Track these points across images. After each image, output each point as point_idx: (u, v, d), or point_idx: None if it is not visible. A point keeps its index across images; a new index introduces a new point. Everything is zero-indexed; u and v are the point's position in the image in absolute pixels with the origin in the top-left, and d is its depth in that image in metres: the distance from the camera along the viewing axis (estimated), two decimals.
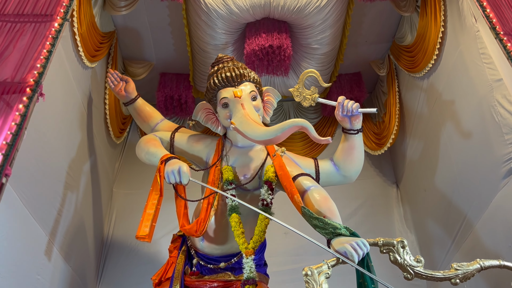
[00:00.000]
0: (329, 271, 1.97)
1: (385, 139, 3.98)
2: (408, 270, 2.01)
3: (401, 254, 2.05)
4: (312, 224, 2.24)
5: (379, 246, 2.10)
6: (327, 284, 1.92)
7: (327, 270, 1.96)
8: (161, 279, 2.68)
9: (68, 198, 2.86)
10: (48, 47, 2.48)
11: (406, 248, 2.06)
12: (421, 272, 2.01)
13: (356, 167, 2.78)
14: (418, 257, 2.04)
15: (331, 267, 1.99)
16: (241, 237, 2.47)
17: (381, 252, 2.10)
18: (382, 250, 2.09)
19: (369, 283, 1.99)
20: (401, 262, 2.03)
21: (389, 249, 2.07)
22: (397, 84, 4.01)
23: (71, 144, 2.94)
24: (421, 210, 3.75)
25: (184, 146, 2.87)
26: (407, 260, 2.03)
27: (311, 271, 1.92)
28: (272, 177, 2.63)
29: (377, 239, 2.10)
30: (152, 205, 2.40)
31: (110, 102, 3.69)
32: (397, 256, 2.04)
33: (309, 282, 1.89)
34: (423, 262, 2.03)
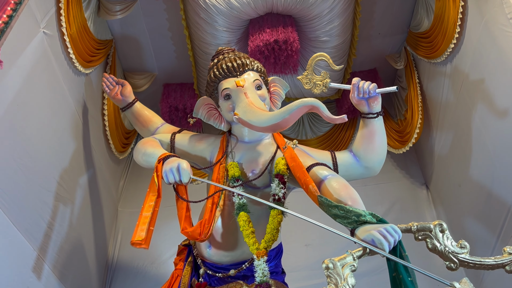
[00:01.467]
0: (355, 263, 1.62)
1: (409, 135, 3.63)
2: (451, 258, 1.66)
3: (441, 240, 1.70)
4: (331, 215, 1.91)
5: (413, 232, 1.75)
6: (353, 278, 1.57)
7: (352, 261, 1.62)
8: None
9: (61, 211, 2.59)
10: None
11: (446, 232, 1.71)
12: (467, 259, 1.65)
13: (379, 156, 2.45)
14: (462, 242, 1.69)
15: (357, 258, 1.65)
16: (251, 237, 2.15)
17: (416, 239, 1.75)
18: (417, 237, 1.74)
19: (404, 275, 1.63)
20: (441, 250, 1.68)
21: (426, 235, 1.72)
22: (417, 75, 3.69)
23: (62, 153, 2.69)
24: (456, 209, 3.34)
25: (186, 146, 2.60)
26: (449, 246, 1.68)
27: (333, 264, 1.58)
28: (283, 170, 2.32)
29: (410, 224, 1.76)
30: (149, 207, 2.10)
31: (110, 113, 3.46)
32: (436, 242, 1.69)
33: (331, 276, 1.55)
34: (468, 247, 1.68)
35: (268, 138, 2.53)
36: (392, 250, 1.70)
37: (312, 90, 2.61)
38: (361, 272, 3.11)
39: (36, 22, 2.42)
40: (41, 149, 2.40)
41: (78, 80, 2.98)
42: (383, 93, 2.36)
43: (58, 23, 2.67)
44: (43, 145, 2.42)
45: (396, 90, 2.35)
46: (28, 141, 2.26)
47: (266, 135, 2.52)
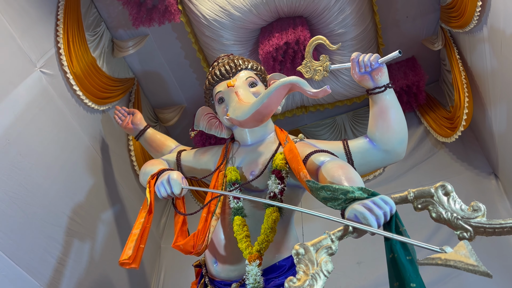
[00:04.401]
0: (333, 246, 1.29)
1: (458, 120, 3.14)
2: (461, 225, 1.26)
3: (446, 205, 1.31)
4: (321, 199, 1.59)
5: (410, 201, 1.37)
6: (330, 263, 1.24)
7: (329, 243, 1.29)
8: None
9: (75, 247, 2.52)
10: None
11: (452, 195, 1.32)
12: (483, 224, 1.24)
13: (397, 134, 2.08)
14: (475, 204, 1.29)
15: (337, 239, 1.31)
16: (244, 241, 1.89)
17: (415, 209, 1.37)
18: (416, 206, 1.36)
19: (401, 254, 1.26)
20: (448, 217, 1.29)
21: (427, 202, 1.34)
22: (456, 51, 3.24)
23: (74, 188, 2.66)
24: None
25: (192, 162, 2.45)
26: (457, 210, 1.29)
27: (304, 248, 1.26)
28: (280, 165, 2.05)
29: (405, 192, 1.40)
30: (138, 224, 1.96)
31: (136, 148, 3.44)
32: (441, 208, 1.31)
33: (301, 261, 1.24)
34: (483, 209, 1.27)
35: (271, 137, 2.30)
36: (387, 225, 1.35)
37: (313, 78, 2.37)
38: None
39: (31, 62, 2.49)
40: (44, 183, 2.38)
41: (91, 117, 3.00)
42: (386, 61, 2.05)
43: (59, 62, 2.74)
44: (47, 179, 2.40)
45: (400, 54, 2.02)
46: (26, 176, 2.25)
47: (268, 134, 2.30)
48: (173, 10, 3.08)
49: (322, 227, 3.19)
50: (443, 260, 1.08)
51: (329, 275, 1.23)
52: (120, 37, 3.46)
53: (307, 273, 1.22)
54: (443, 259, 1.08)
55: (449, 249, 1.11)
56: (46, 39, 2.68)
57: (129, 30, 3.44)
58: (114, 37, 3.47)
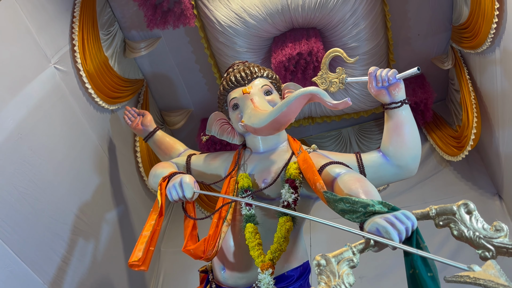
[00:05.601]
0: (355, 258, 1.28)
1: (466, 139, 3.16)
2: (483, 244, 1.25)
3: (468, 223, 1.31)
4: (338, 211, 1.59)
5: (432, 218, 1.38)
6: (352, 276, 1.23)
7: (351, 256, 1.28)
8: None
9: (80, 246, 2.50)
10: None
11: (474, 213, 1.31)
12: (506, 244, 1.24)
13: (411, 150, 2.09)
14: (498, 224, 1.29)
15: (358, 252, 1.31)
16: (256, 249, 1.88)
17: (437, 226, 1.37)
18: (438, 223, 1.36)
19: (422, 270, 1.26)
20: (470, 235, 1.28)
21: (449, 220, 1.34)
22: (466, 72, 3.27)
23: (82, 187, 2.64)
24: None
25: (201, 166, 2.44)
26: (479, 230, 1.28)
27: (325, 260, 1.25)
28: (294, 174, 2.05)
29: (427, 208, 1.40)
30: (149, 226, 1.94)
31: (142, 150, 3.43)
32: (462, 227, 1.30)
33: (323, 274, 1.23)
34: (506, 229, 1.27)
35: (284, 146, 2.30)
36: (408, 241, 1.35)
37: (329, 89, 2.39)
38: None
39: (46, 57, 2.49)
40: (53, 180, 2.36)
41: (101, 116, 2.99)
42: (404, 77, 2.06)
43: (73, 59, 2.73)
44: (56, 176, 2.39)
45: (418, 71, 2.03)
46: (35, 171, 2.23)
47: (281, 143, 2.30)
48: (189, 14, 3.09)
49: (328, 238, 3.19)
50: (472, 278, 1.07)
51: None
52: (132, 38, 3.47)
53: (329, 284, 1.22)
54: (472, 278, 1.08)
55: (477, 267, 1.10)
56: (61, 35, 2.68)
57: (142, 32, 3.44)
58: (127, 38, 3.47)
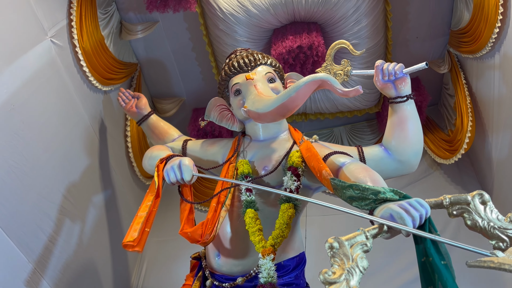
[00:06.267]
0: (368, 243, 1.26)
1: (460, 142, 3.18)
2: (497, 235, 1.24)
3: (482, 214, 1.30)
4: (346, 198, 1.57)
5: (445, 207, 1.37)
6: (366, 260, 1.21)
7: (364, 240, 1.26)
8: None
9: (67, 227, 2.41)
10: None
11: (489, 204, 1.32)
12: None
13: (414, 145, 2.08)
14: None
15: (371, 237, 1.28)
16: (257, 234, 1.84)
17: (450, 215, 1.36)
18: (451, 212, 1.35)
19: (436, 258, 1.25)
20: (484, 226, 1.27)
21: (462, 209, 1.34)
22: (463, 76, 3.30)
23: (71, 166, 2.55)
24: None
25: (198, 152, 2.39)
26: (494, 220, 1.28)
27: (339, 242, 1.23)
28: (297, 162, 2.02)
29: (441, 197, 1.39)
30: (145, 207, 1.89)
31: (133, 135, 3.34)
32: (477, 217, 1.30)
33: (336, 256, 1.20)
34: None
35: (285, 135, 2.27)
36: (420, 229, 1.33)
37: None
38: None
39: (42, 29, 2.40)
40: (42, 156, 2.27)
41: (94, 96, 2.90)
42: (411, 72, 2.06)
43: (70, 35, 2.64)
44: (46, 153, 2.30)
45: (426, 66, 2.03)
46: (26, 145, 2.14)
47: (282, 132, 2.27)
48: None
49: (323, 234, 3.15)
50: (497, 263, 1.05)
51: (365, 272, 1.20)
52: (129, 20, 3.38)
53: (343, 267, 1.19)
54: (496, 263, 1.05)
55: (500, 253, 1.09)
56: (59, 9, 2.59)
57: (139, 14, 3.36)
58: (124, 19, 3.38)
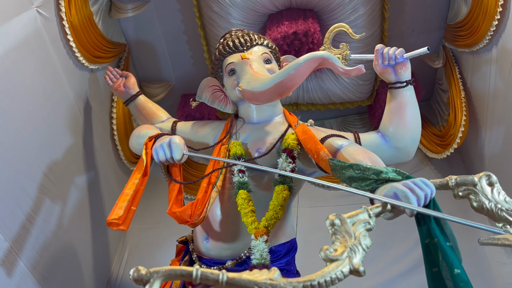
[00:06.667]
0: (371, 221, 1.19)
1: (452, 137, 3.15)
2: (505, 217, 1.19)
3: (490, 195, 1.24)
4: (346, 179, 1.49)
5: (451, 188, 1.32)
6: (369, 238, 1.14)
7: (366, 218, 1.19)
8: None
9: (46, 207, 2.29)
10: None
11: (496, 185, 1.26)
12: None
13: (412, 132, 2.03)
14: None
15: (374, 215, 1.21)
16: (249, 215, 1.76)
17: (455, 196, 1.31)
18: (457, 193, 1.30)
19: (441, 239, 1.18)
20: (491, 208, 1.22)
21: (469, 191, 1.28)
22: (458, 71, 3.27)
23: (53, 144, 2.43)
24: None
25: (188, 133, 2.29)
26: (502, 202, 1.22)
27: (340, 220, 1.15)
28: (292, 144, 1.95)
29: (446, 178, 1.33)
30: (132, 185, 1.79)
31: (119, 117, 3.23)
32: (483, 198, 1.24)
33: (338, 233, 1.13)
34: None
35: (279, 118, 2.19)
36: None
37: None
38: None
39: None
40: (24, 130, 2.15)
41: (80, 73, 2.78)
42: (412, 57, 2.01)
43: (57, 7, 2.52)
44: (27, 127, 2.18)
45: (428, 51, 1.99)
46: (6, 117, 2.02)
47: (277, 115, 2.19)
48: None
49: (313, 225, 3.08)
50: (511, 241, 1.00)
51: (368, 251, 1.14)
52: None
53: (345, 245, 1.11)
54: (510, 240, 1.00)
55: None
56: None
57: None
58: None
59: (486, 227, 1.07)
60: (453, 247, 1.18)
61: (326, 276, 1.02)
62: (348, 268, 1.05)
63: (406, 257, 3.09)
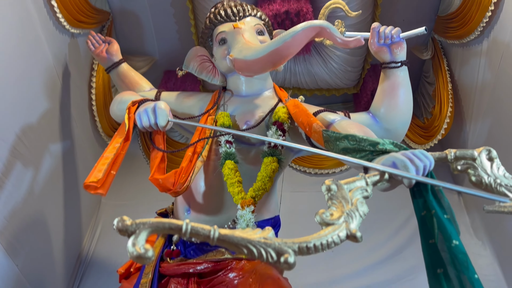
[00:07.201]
0: (369, 189, 1.14)
1: (437, 129, 3.15)
2: (504, 193, 1.15)
3: (489, 170, 1.21)
4: (339, 150, 1.45)
5: (449, 162, 1.28)
6: (365, 205, 1.09)
7: (364, 186, 1.14)
8: (130, 270, 1.89)
9: (17, 170, 2.16)
10: None
11: (496, 161, 1.23)
12: None
13: (403, 114, 2.01)
14: None
15: (371, 184, 1.16)
16: (236, 185, 1.69)
17: (454, 170, 1.27)
18: (455, 167, 1.26)
19: (439, 211, 1.15)
20: (490, 183, 1.18)
21: (468, 165, 1.25)
22: (446, 63, 3.26)
23: (28, 106, 2.30)
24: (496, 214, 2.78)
25: (173, 103, 2.20)
26: (501, 177, 1.18)
27: (337, 185, 1.10)
28: (283, 117, 1.89)
29: (446, 151, 1.29)
30: (112, 149, 1.71)
31: (98, 87, 3.09)
32: (482, 173, 1.20)
33: (334, 198, 1.07)
34: None
35: (269, 92, 2.13)
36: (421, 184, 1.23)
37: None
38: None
39: None
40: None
41: (60, 36, 2.64)
42: (409, 37, 1.98)
43: None
44: (1, 85, 2.04)
45: (425, 32, 1.95)
46: None
47: (267, 89, 2.13)
48: None
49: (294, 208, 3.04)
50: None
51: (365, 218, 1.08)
52: None
53: (342, 210, 1.06)
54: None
55: None
56: None
57: None
58: None
59: (491, 196, 1.03)
60: (450, 220, 1.15)
61: (322, 239, 0.97)
62: (345, 232, 1.00)
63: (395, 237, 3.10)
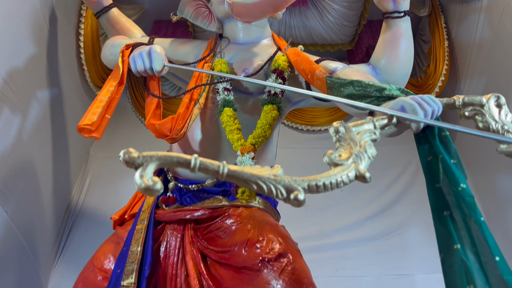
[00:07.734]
0: (377, 132, 1.12)
1: (431, 87, 3.13)
2: None
3: (497, 117, 1.19)
4: (345, 96, 1.42)
5: (457, 108, 1.27)
6: (373, 147, 1.07)
7: (372, 129, 1.12)
8: (124, 217, 1.87)
9: (5, 116, 2.09)
10: None
11: (504, 107, 1.22)
12: None
13: (404, 66, 1.96)
14: None
15: (379, 127, 1.14)
16: (235, 132, 1.66)
17: (461, 116, 1.26)
18: (463, 114, 1.26)
19: (445, 156, 1.13)
20: (496, 129, 1.17)
21: (476, 111, 1.23)
22: (443, 20, 3.21)
23: (16, 49, 2.19)
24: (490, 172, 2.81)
25: (167, 50, 2.09)
26: (508, 124, 1.18)
27: (345, 128, 1.07)
28: (283, 65, 1.84)
29: (454, 97, 1.28)
30: (106, 92, 1.65)
31: (86, 34, 2.96)
32: (490, 119, 1.19)
33: (342, 140, 1.05)
34: None
35: (268, 41, 2.07)
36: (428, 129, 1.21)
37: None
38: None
39: None
40: None
41: None
42: None
43: None
44: None
45: None
46: None
47: (265, 37, 2.07)
48: None
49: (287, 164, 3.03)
50: None
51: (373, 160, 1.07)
52: None
53: (350, 151, 1.04)
54: None
55: None
56: None
57: None
58: None
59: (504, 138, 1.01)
60: (457, 165, 1.14)
61: (332, 178, 0.95)
62: (354, 173, 0.99)
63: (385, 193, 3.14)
